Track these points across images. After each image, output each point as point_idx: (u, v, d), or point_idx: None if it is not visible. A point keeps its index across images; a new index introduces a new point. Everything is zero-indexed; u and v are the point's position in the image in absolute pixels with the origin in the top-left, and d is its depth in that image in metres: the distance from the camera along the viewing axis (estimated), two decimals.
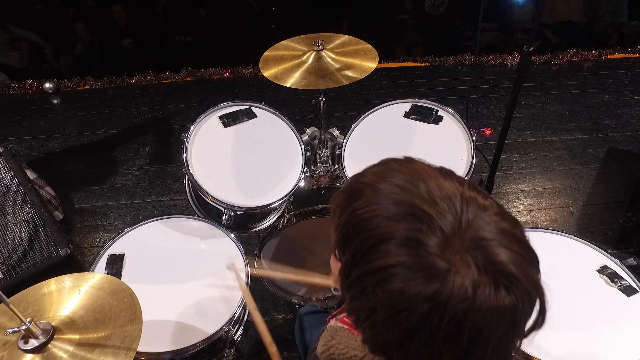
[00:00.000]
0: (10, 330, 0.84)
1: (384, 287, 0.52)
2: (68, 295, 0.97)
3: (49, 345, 0.87)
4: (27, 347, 0.85)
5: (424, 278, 0.50)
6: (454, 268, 0.50)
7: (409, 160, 0.62)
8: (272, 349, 1.14)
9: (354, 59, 1.59)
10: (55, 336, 0.88)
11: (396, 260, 0.51)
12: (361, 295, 0.55)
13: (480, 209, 0.54)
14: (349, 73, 1.54)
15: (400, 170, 0.59)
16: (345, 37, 1.70)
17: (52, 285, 0.99)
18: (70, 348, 0.87)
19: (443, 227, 0.52)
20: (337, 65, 1.57)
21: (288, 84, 1.52)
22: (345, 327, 0.73)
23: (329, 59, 1.59)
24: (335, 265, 0.65)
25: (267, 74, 1.56)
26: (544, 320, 0.54)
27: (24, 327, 0.83)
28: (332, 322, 0.85)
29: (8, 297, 0.85)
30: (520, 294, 0.50)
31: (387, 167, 0.61)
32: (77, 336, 0.89)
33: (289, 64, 1.59)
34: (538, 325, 0.55)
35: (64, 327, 0.90)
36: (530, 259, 0.53)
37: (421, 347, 0.52)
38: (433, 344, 0.51)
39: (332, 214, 0.64)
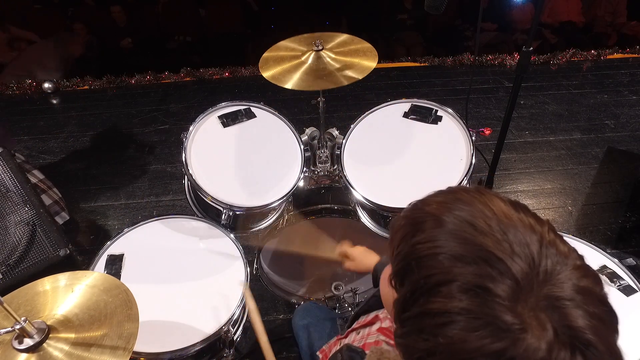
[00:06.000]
0: (4, 329, 0.83)
1: (444, 333, 0.47)
2: (62, 294, 0.96)
3: (44, 345, 0.86)
4: (22, 347, 0.84)
5: (491, 332, 0.45)
6: (526, 326, 0.45)
7: (479, 191, 0.56)
8: None
9: (354, 59, 1.59)
10: (50, 335, 0.87)
11: (460, 306, 0.47)
12: (418, 334, 0.51)
13: (560, 256, 0.49)
14: (348, 73, 1.53)
15: (469, 202, 0.54)
16: (344, 37, 1.70)
17: (45, 284, 0.99)
18: (66, 347, 0.86)
19: (515, 274, 0.46)
20: (336, 65, 1.57)
21: (287, 86, 1.51)
22: (391, 341, 0.69)
23: (328, 59, 1.59)
24: (387, 290, 0.62)
25: (266, 74, 1.56)
26: None
27: (18, 327, 0.83)
28: (367, 333, 0.80)
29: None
30: (593, 357, 0.45)
31: (455, 197, 0.55)
32: (72, 335, 0.88)
33: (289, 64, 1.59)
34: None
35: (59, 326, 0.90)
36: (610, 322, 0.49)
37: None
38: None
39: (391, 236, 0.60)
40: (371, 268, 1.25)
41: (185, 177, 1.61)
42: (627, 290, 1.21)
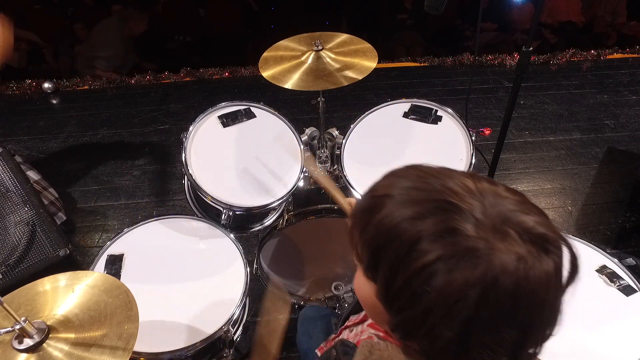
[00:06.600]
0: (4, 329, 0.83)
1: (432, 285, 0.51)
2: (62, 294, 0.96)
3: (44, 345, 0.86)
4: (22, 347, 0.84)
5: (468, 264, 0.50)
6: (494, 244, 0.50)
7: (412, 166, 0.63)
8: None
9: (353, 59, 1.59)
10: (50, 335, 0.87)
11: (434, 255, 0.51)
12: (411, 301, 0.54)
13: (491, 184, 0.57)
14: (348, 73, 1.54)
15: (405, 174, 0.61)
16: (344, 37, 1.70)
17: (45, 284, 0.99)
18: (66, 347, 0.86)
19: (472, 211, 0.53)
20: (336, 65, 1.57)
21: (287, 86, 1.51)
22: (381, 334, 0.70)
23: (328, 59, 1.59)
24: (365, 290, 0.63)
25: (266, 74, 1.56)
26: (576, 270, 0.54)
27: (18, 327, 0.83)
28: (360, 331, 0.81)
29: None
30: (556, 251, 0.52)
31: (392, 176, 0.62)
32: (72, 335, 0.88)
33: (288, 64, 1.59)
34: (572, 278, 0.54)
35: (59, 326, 0.90)
36: (547, 216, 0.56)
37: (483, 334, 0.52)
38: (493, 326, 0.51)
39: (350, 240, 0.63)
40: None
41: (185, 177, 1.61)
42: (627, 290, 1.21)
